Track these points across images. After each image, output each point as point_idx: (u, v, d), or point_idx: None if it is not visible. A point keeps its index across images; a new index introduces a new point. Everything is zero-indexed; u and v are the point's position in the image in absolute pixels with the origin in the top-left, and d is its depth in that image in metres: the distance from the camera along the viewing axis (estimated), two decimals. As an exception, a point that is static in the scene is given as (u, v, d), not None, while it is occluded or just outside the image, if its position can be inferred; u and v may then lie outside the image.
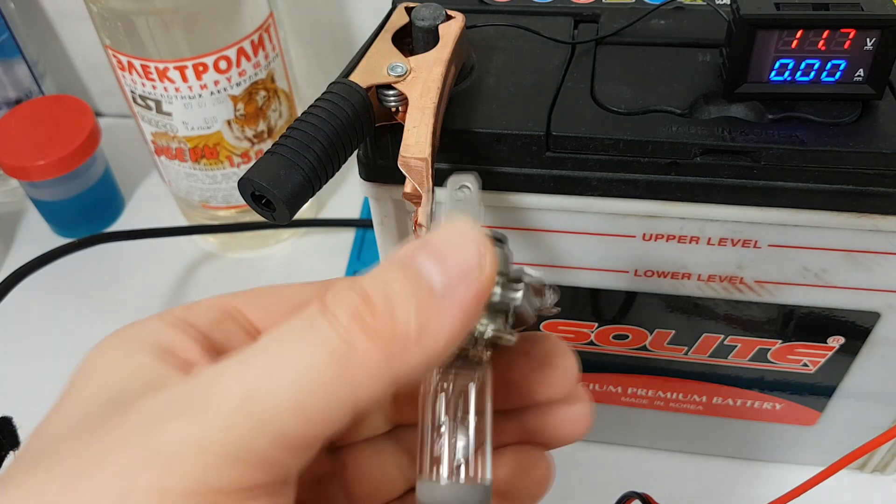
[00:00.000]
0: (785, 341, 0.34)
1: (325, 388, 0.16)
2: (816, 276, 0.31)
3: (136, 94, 0.46)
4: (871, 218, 0.28)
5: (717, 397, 0.38)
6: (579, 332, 0.36)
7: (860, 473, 0.42)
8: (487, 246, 0.17)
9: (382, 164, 0.29)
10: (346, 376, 0.16)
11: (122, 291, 0.55)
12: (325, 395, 0.16)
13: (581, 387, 0.23)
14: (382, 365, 0.16)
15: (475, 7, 0.34)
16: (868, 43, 0.26)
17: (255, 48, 0.46)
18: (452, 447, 0.19)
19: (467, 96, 0.29)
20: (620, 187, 0.29)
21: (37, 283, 0.42)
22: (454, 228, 0.18)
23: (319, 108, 0.25)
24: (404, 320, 0.16)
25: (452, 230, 0.18)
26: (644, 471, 0.43)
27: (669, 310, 0.34)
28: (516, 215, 0.30)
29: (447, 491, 0.19)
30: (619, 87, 0.29)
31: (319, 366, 0.16)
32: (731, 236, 0.30)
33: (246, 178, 0.23)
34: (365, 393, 0.16)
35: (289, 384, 0.16)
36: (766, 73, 0.28)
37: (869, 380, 0.35)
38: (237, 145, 0.49)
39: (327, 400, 0.16)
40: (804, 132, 0.27)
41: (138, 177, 0.63)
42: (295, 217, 0.24)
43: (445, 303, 0.17)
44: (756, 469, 0.42)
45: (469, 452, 0.19)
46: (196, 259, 0.57)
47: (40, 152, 0.52)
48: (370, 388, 0.16)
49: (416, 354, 0.16)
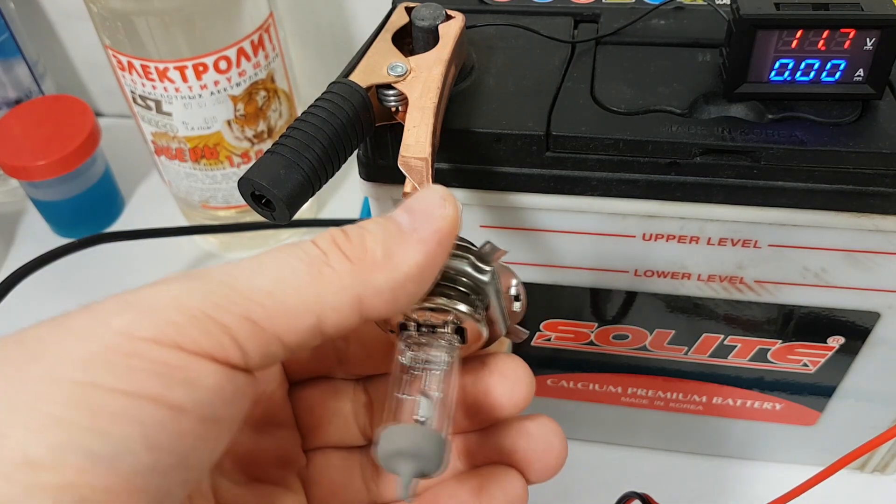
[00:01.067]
0: (785, 341, 0.34)
1: (298, 286, 0.18)
2: (816, 276, 0.31)
3: (136, 95, 0.46)
4: (871, 218, 0.28)
5: (717, 397, 0.38)
6: (579, 332, 0.36)
7: (860, 473, 0.42)
8: (451, 198, 0.20)
9: (382, 164, 0.29)
10: (318, 281, 0.18)
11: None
12: (297, 293, 0.18)
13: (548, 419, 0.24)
14: (349, 279, 0.18)
15: (475, 7, 0.34)
16: (868, 43, 0.26)
17: (255, 48, 0.46)
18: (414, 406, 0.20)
19: (467, 96, 0.29)
20: (620, 187, 0.29)
21: (37, 283, 0.42)
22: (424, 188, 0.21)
23: (319, 107, 0.25)
24: (372, 247, 0.19)
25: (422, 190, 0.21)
26: (644, 471, 0.43)
27: (669, 310, 0.34)
28: (516, 215, 0.30)
29: (406, 431, 0.19)
30: (620, 86, 0.29)
31: (297, 268, 0.18)
32: (731, 236, 0.30)
33: (246, 177, 0.23)
34: (331, 302, 0.18)
35: (267, 275, 0.18)
36: (766, 73, 0.28)
37: (869, 380, 0.35)
38: (237, 145, 0.49)
39: (298, 298, 0.18)
40: (804, 132, 0.27)
41: (138, 177, 0.63)
42: (295, 217, 0.24)
43: (411, 237, 0.19)
44: (756, 469, 0.42)
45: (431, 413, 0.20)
46: (196, 259, 0.57)
47: (40, 152, 0.52)
48: (337, 299, 0.18)
49: (380, 277, 0.19)
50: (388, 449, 0.19)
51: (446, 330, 0.22)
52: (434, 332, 0.22)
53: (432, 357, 0.22)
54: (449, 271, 0.21)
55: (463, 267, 0.21)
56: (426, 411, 0.20)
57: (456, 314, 0.21)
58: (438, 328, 0.22)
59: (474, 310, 0.21)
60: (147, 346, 0.16)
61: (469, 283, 0.21)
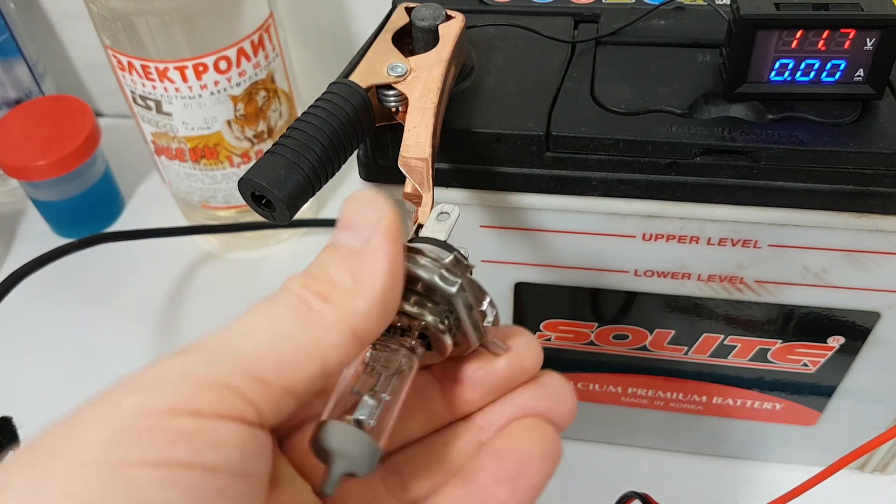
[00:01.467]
0: (785, 341, 0.34)
1: (294, 336, 0.18)
2: (816, 276, 0.31)
3: (136, 95, 0.46)
4: (871, 218, 0.28)
5: (717, 397, 0.38)
6: (579, 332, 0.36)
7: (860, 473, 0.42)
8: (377, 196, 0.20)
9: (382, 164, 0.29)
10: (310, 327, 0.18)
11: (122, 292, 0.55)
12: (294, 343, 0.18)
13: None
14: (336, 316, 0.19)
15: (475, 7, 0.34)
16: (868, 43, 0.26)
17: (255, 48, 0.46)
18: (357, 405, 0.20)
19: (467, 96, 0.29)
20: (620, 187, 0.29)
21: (36, 283, 0.42)
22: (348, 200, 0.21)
23: (320, 108, 0.25)
24: (339, 277, 0.19)
25: (347, 202, 0.21)
26: (644, 471, 0.43)
27: (669, 310, 0.34)
28: (516, 215, 0.30)
29: (341, 429, 0.20)
30: (620, 87, 0.29)
31: (286, 318, 0.19)
32: (731, 236, 0.30)
33: (246, 178, 0.23)
34: (329, 342, 0.18)
35: (262, 332, 0.18)
36: (766, 74, 0.28)
37: (869, 380, 0.35)
38: (237, 145, 0.49)
39: (298, 348, 0.18)
40: (804, 132, 0.27)
41: (138, 177, 0.63)
42: (295, 217, 0.24)
43: (368, 253, 0.20)
44: (756, 469, 0.42)
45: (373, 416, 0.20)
46: (196, 259, 0.57)
47: (40, 152, 0.52)
48: (333, 338, 0.18)
49: (361, 302, 0.19)
50: (322, 444, 0.19)
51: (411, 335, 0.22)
52: (402, 334, 0.22)
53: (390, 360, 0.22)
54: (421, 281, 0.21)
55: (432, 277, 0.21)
56: (368, 413, 0.20)
57: (421, 322, 0.21)
58: (405, 331, 0.22)
59: (439, 319, 0.21)
60: (164, 418, 0.16)
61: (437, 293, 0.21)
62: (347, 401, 0.21)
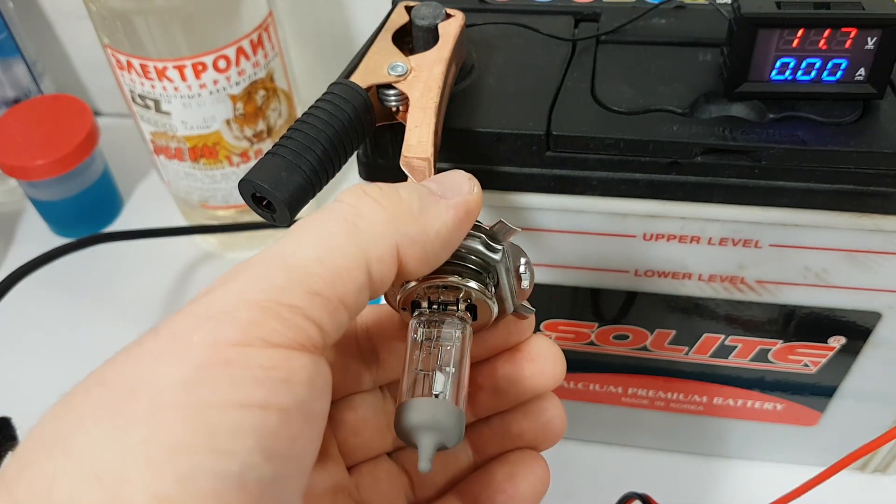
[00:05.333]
0: (786, 341, 0.34)
1: (341, 245, 0.18)
2: (817, 276, 0.31)
3: (135, 94, 0.46)
4: (872, 218, 0.28)
5: (718, 397, 0.38)
6: (579, 332, 0.36)
7: (861, 474, 0.42)
8: (476, 180, 0.21)
9: (383, 164, 0.29)
10: (357, 236, 0.19)
11: (121, 291, 0.55)
12: (342, 252, 0.18)
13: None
14: (385, 225, 0.19)
15: (475, 6, 0.34)
16: (869, 42, 0.26)
17: (255, 47, 0.46)
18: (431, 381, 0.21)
19: (467, 95, 0.29)
20: (621, 187, 0.29)
21: (36, 283, 0.42)
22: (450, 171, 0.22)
23: (320, 108, 0.25)
24: (408, 198, 0.20)
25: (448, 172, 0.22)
26: (644, 471, 0.43)
27: (670, 310, 0.34)
28: (516, 215, 0.30)
29: (426, 405, 0.20)
30: (620, 86, 0.29)
31: (334, 229, 0.19)
32: (732, 236, 0.30)
33: (247, 179, 0.23)
34: (374, 251, 0.19)
35: (311, 245, 0.18)
36: (767, 73, 0.27)
37: (870, 380, 0.35)
38: (236, 145, 0.49)
39: (344, 256, 0.18)
40: (805, 132, 0.27)
41: (137, 177, 0.63)
42: (295, 218, 0.24)
43: (442, 202, 0.20)
44: (756, 469, 0.42)
45: (447, 387, 0.21)
46: (196, 259, 0.57)
47: (39, 152, 0.52)
48: (378, 247, 0.19)
49: (414, 228, 0.19)
50: (408, 422, 0.20)
51: (458, 307, 0.22)
52: (446, 309, 0.22)
53: (445, 334, 0.22)
54: (461, 250, 0.22)
55: (475, 245, 0.22)
56: (442, 386, 0.21)
57: (467, 291, 0.22)
58: (450, 305, 0.22)
59: (485, 287, 0.22)
60: (237, 351, 0.16)
61: (480, 261, 0.22)
62: (418, 381, 0.21)
